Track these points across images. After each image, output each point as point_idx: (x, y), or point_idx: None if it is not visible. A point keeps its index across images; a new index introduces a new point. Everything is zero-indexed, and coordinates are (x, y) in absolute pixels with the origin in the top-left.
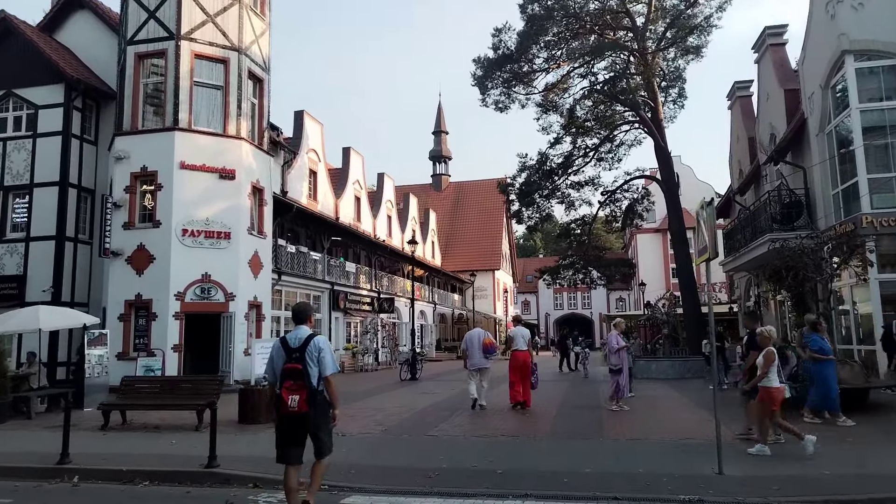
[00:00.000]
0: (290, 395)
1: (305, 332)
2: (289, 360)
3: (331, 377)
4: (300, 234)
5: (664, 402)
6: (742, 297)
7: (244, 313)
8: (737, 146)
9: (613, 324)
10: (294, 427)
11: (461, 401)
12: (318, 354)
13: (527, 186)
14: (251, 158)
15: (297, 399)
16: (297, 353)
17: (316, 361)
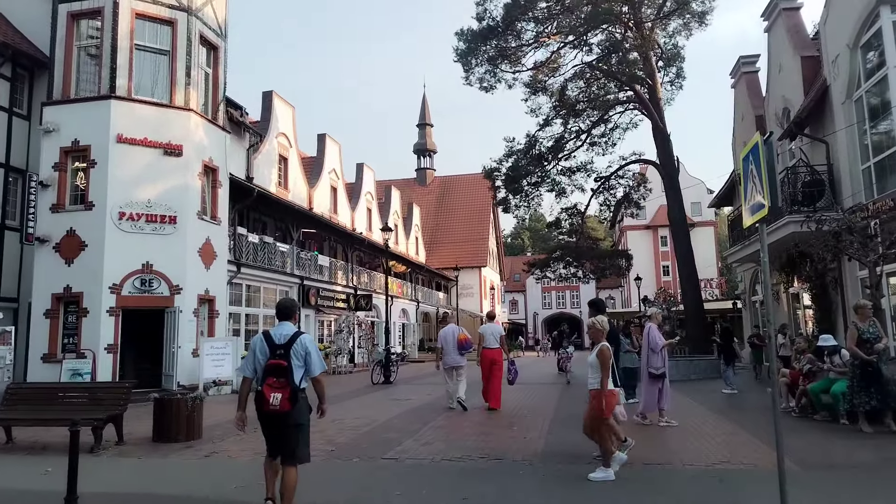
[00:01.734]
0: (272, 392)
1: (290, 329)
2: (272, 356)
3: (321, 376)
4: (268, 224)
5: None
6: (748, 290)
7: (193, 309)
8: (741, 127)
9: (648, 315)
10: (273, 426)
11: (435, 408)
12: (304, 354)
13: (514, 171)
14: (202, 133)
15: (279, 397)
16: (281, 350)
17: (302, 360)
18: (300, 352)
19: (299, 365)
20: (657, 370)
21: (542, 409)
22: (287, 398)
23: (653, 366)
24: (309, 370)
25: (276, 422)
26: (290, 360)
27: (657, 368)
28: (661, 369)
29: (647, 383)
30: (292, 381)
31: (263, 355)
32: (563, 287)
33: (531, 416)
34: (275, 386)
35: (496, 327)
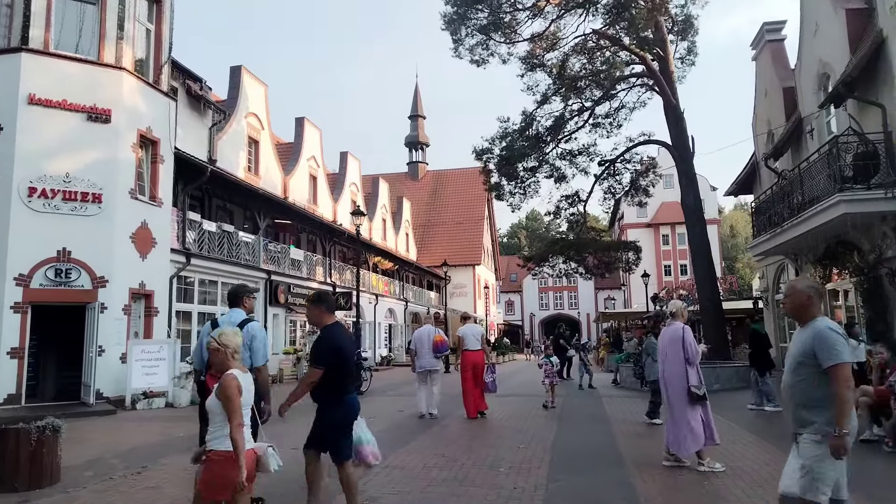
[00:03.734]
0: (214, 382)
1: (239, 316)
2: None
3: (262, 368)
4: (234, 214)
5: None
6: (771, 288)
7: (122, 305)
8: (764, 103)
9: (672, 312)
10: None
11: (401, 434)
12: (249, 342)
13: (508, 152)
14: (138, 98)
15: None
16: None
17: (247, 349)
18: (245, 340)
19: (246, 355)
20: (699, 390)
21: (538, 435)
22: None
23: (693, 383)
24: (252, 358)
25: None
26: None
27: (699, 388)
28: (702, 388)
29: (687, 409)
30: None
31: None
32: (561, 287)
33: (525, 449)
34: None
35: (477, 328)
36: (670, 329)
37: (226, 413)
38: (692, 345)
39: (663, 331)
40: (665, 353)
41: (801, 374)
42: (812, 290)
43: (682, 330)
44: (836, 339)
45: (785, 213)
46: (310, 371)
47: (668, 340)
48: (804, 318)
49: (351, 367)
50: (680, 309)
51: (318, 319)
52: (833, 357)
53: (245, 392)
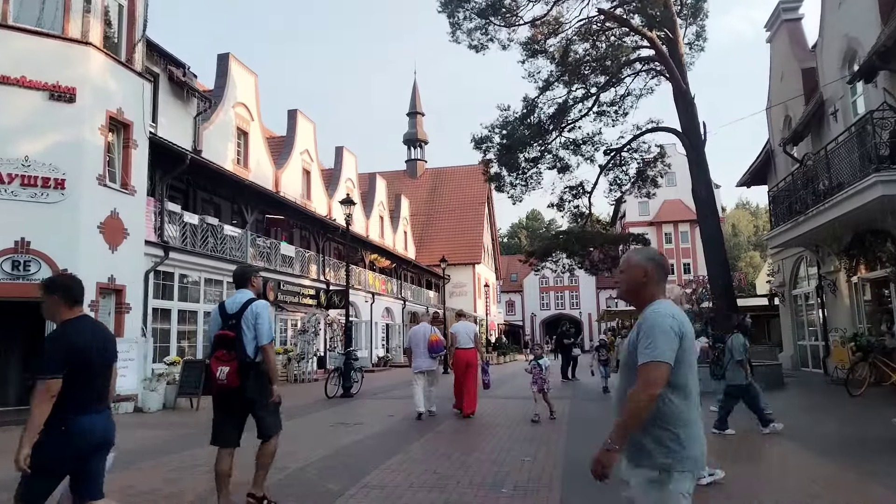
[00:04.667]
0: (219, 365)
1: (245, 297)
2: (224, 326)
3: (268, 346)
4: (222, 207)
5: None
6: (788, 283)
7: (88, 301)
8: (780, 87)
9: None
10: (226, 403)
11: (388, 444)
12: (254, 321)
13: (509, 139)
14: (108, 77)
15: (225, 371)
16: (233, 320)
17: (253, 329)
18: (250, 320)
19: (251, 336)
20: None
21: (545, 445)
22: (235, 372)
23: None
24: (257, 338)
25: (228, 399)
26: (240, 331)
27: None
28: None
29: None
30: (242, 353)
31: (217, 327)
32: (563, 287)
33: (531, 464)
34: (223, 359)
35: (470, 325)
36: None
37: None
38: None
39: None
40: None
41: (625, 380)
42: (652, 264)
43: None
44: (660, 328)
45: (809, 199)
46: (39, 389)
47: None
48: (641, 301)
49: (93, 376)
50: (678, 297)
51: (53, 313)
52: (645, 352)
53: None
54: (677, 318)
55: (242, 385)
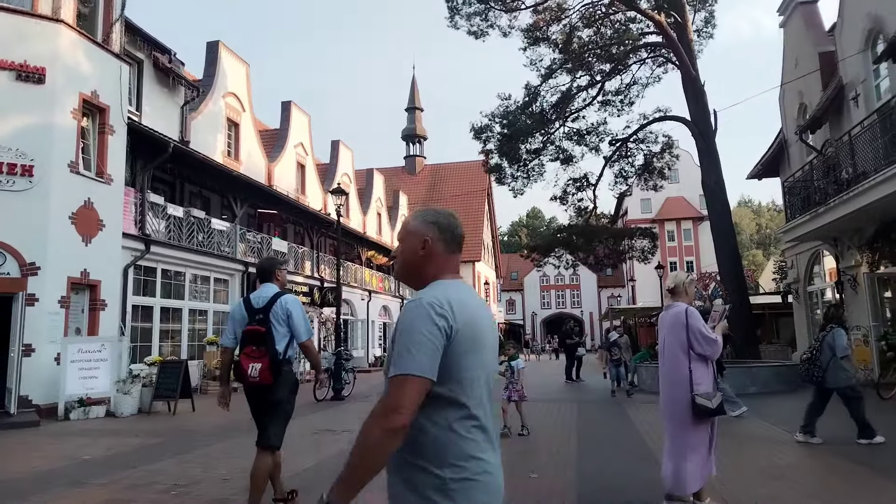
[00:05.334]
0: (250, 362)
1: (271, 291)
2: (251, 321)
3: (309, 342)
4: (211, 201)
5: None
6: (802, 279)
7: (59, 297)
8: (795, 74)
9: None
10: (257, 401)
11: None
12: (286, 317)
13: (510, 129)
14: (81, 57)
15: (258, 367)
16: (260, 315)
17: (284, 324)
18: (281, 315)
19: (282, 331)
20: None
21: (555, 457)
22: (267, 368)
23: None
24: (294, 336)
25: (259, 396)
26: (269, 326)
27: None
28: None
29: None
30: (272, 349)
31: (242, 321)
32: (564, 286)
33: (539, 481)
34: (253, 355)
35: None
36: (670, 313)
37: None
38: (700, 333)
39: (661, 315)
40: (663, 345)
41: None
42: (434, 230)
43: (685, 313)
44: (415, 328)
45: (830, 189)
46: None
47: (667, 328)
48: (422, 282)
49: None
50: (682, 282)
51: None
52: (395, 362)
53: None
54: (448, 307)
55: (275, 382)
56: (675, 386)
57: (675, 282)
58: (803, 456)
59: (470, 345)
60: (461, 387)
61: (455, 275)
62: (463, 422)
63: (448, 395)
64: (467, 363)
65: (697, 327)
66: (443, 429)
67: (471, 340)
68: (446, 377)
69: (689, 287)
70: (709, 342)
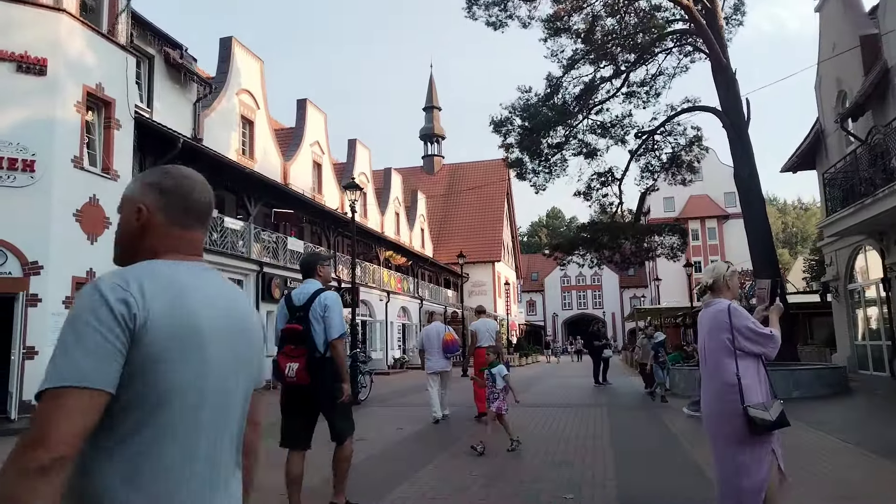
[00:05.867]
0: (287, 361)
1: (313, 287)
2: (291, 319)
3: (338, 341)
4: (225, 200)
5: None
6: (843, 277)
7: (63, 297)
8: (832, 59)
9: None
10: (295, 402)
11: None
12: (323, 313)
13: (532, 121)
14: (84, 48)
15: (294, 367)
16: (300, 312)
17: (322, 322)
18: (319, 312)
19: (320, 329)
20: (765, 413)
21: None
22: (304, 368)
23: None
24: (326, 331)
25: (297, 397)
26: (308, 324)
27: (764, 410)
28: (772, 409)
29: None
30: (311, 347)
31: (284, 320)
32: (585, 286)
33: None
34: (291, 354)
35: (490, 323)
36: (709, 311)
37: None
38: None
39: (700, 315)
40: (703, 350)
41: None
42: (153, 196)
43: (727, 311)
44: (79, 316)
45: (877, 179)
46: None
47: (706, 328)
48: (129, 255)
49: None
50: (722, 275)
51: None
52: (46, 371)
53: None
54: (136, 290)
55: (313, 382)
56: (721, 398)
57: (714, 275)
58: (871, 470)
59: (176, 345)
60: (160, 406)
61: (185, 256)
62: (161, 458)
63: (134, 414)
64: (170, 371)
65: (744, 325)
66: (124, 467)
67: (178, 339)
68: (132, 389)
69: (731, 280)
70: (763, 338)
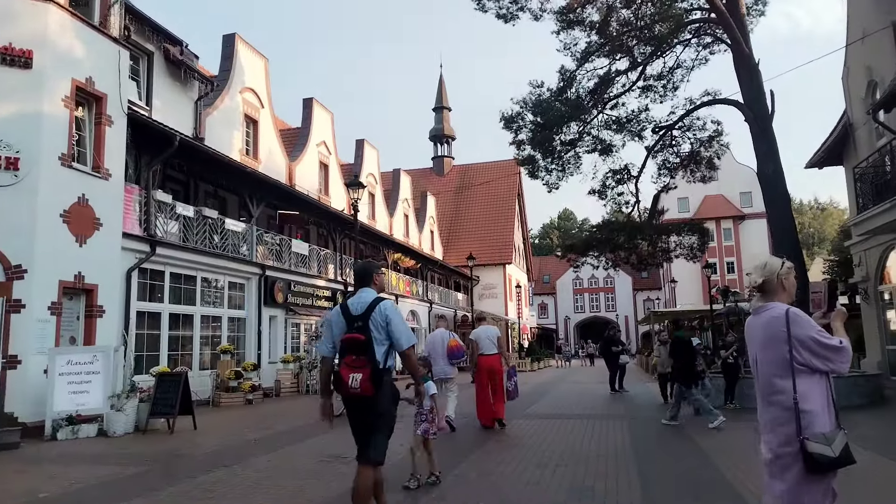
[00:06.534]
0: (350, 372)
1: (370, 296)
2: (350, 329)
3: (410, 351)
4: (228, 201)
5: None
6: (873, 277)
7: (49, 303)
8: (861, 48)
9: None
10: (357, 413)
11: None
12: (385, 324)
13: (544, 117)
14: (73, 41)
15: (358, 378)
16: (359, 322)
17: (384, 332)
18: (380, 322)
19: (381, 339)
20: (829, 446)
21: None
22: (368, 379)
23: (815, 429)
24: (394, 344)
25: (359, 408)
26: (369, 334)
27: (827, 440)
28: (837, 440)
29: (801, 482)
30: (373, 358)
31: (340, 329)
32: (597, 289)
33: None
34: (353, 365)
35: (491, 329)
36: (761, 319)
37: None
38: (815, 342)
39: (748, 323)
40: (755, 364)
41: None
42: None
43: (784, 318)
44: None
45: None
46: None
47: (758, 339)
48: None
49: None
50: (776, 273)
51: None
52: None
53: None
54: None
55: (376, 394)
56: (776, 426)
57: (765, 273)
58: None
59: None
60: None
61: None
62: None
63: None
64: None
65: (808, 335)
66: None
67: None
68: None
69: (787, 279)
70: (832, 351)
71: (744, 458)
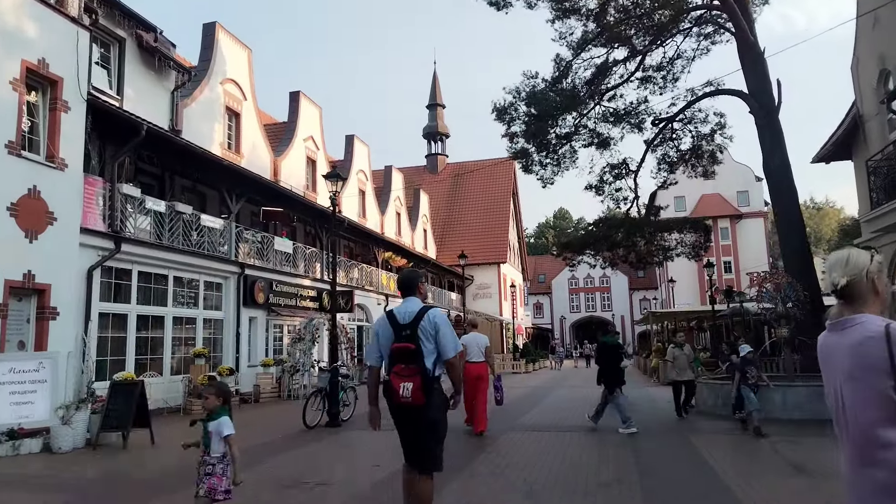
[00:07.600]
0: (401, 381)
1: (417, 305)
2: (398, 338)
3: (455, 359)
4: (208, 197)
5: None
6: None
7: None
8: (872, 36)
9: (839, 286)
10: (406, 422)
11: None
12: (434, 332)
13: (538, 107)
14: (23, 18)
15: (410, 387)
16: (407, 331)
17: (432, 341)
18: (429, 331)
19: (430, 348)
20: None
21: None
22: (420, 388)
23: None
24: (441, 352)
25: (409, 417)
26: (418, 342)
27: None
28: None
29: None
30: (424, 367)
31: (387, 338)
32: (593, 288)
33: None
34: (403, 374)
35: (481, 337)
36: (847, 339)
37: None
38: None
39: (823, 342)
40: (839, 402)
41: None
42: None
43: (884, 338)
44: None
45: None
46: None
47: (845, 367)
48: None
49: None
50: (865, 271)
51: None
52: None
53: None
54: None
55: (427, 403)
56: (869, 485)
57: (851, 271)
58: None
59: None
60: None
61: None
62: None
63: None
64: None
65: None
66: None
67: None
68: None
69: (879, 279)
70: None
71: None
